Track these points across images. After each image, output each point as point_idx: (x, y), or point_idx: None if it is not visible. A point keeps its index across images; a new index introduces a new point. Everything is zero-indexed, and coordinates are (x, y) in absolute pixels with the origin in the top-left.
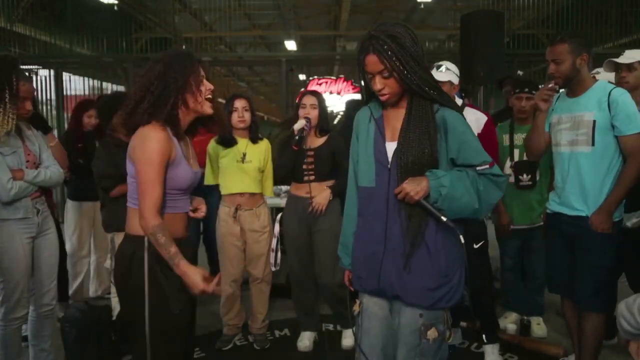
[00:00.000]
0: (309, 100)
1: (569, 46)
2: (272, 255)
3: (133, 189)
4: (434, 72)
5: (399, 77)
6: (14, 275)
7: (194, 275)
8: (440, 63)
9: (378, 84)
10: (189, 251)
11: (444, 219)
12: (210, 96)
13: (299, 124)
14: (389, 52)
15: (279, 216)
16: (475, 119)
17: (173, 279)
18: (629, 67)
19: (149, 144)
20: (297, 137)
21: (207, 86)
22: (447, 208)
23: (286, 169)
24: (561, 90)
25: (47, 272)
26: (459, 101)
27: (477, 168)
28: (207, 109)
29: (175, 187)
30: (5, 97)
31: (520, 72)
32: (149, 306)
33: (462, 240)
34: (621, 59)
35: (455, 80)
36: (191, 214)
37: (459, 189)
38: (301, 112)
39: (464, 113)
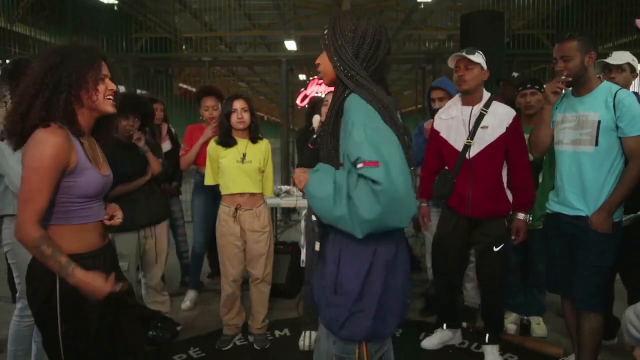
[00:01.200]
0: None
1: (578, 43)
2: (303, 251)
3: None
4: (465, 54)
5: (326, 52)
6: None
7: (94, 281)
8: (473, 49)
9: (318, 58)
10: (110, 260)
11: (313, 218)
12: (111, 97)
13: (316, 120)
14: (326, 27)
15: (303, 213)
16: (505, 112)
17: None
18: (619, 67)
19: (42, 149)
20: (314, 137)
21: (108, 86)
22: (312, 206)
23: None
24: (563, 91)
25: None
26: (486, 95)
27: (357, 166)
28: (107, 106)
29: (83, 194)
30: None
31: (515, 74)
32: (62, 329)
33: (317, 247)
34: (611, 60)
35: (485, 66)
36: (106, 222)
37: (324, 188)
38: (324, 109)
39: (492, 107)
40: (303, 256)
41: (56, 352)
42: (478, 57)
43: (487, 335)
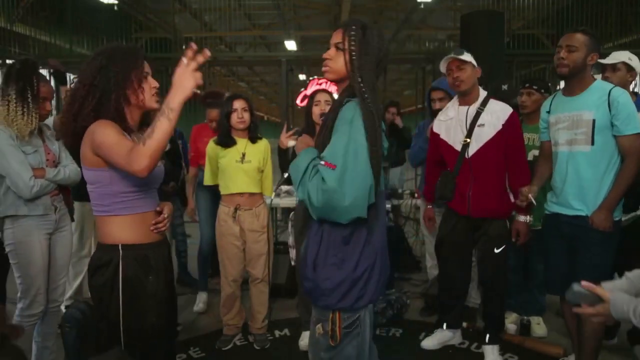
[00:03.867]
0: (323, 96)
1: (588, 39)
2: (292, 251)
3: (96, 197)
4: (455, 55)
5: (348, 56)
6: (31, 271)
7: (183, 77)
8: (461, 50)
9: (328, 52)
10: (164, 256)
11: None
12: (155, 94)
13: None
14: (352, 32)
15: (292, 214)
16: (501, 109)
17: (150, 285)
18: (613, 67)
19: (102, 130)
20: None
21: (151, 84)
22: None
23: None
24: (558, 88)
25: (59, 269)
26: (483, 93)
27: (320, 162)
28: (153, 103)
29: (133, 185)
30: (28, 98)
31: (504, 87)
32: (123, 316)
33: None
34: (606, 60)
35: (475, 64)
36: (152, 226)
37: (299, 168)
38: (315, 109)
39: (489, 105)
40: (292, 254)
41: (116, 336)
42: (468, 56)
43: (488, 335)
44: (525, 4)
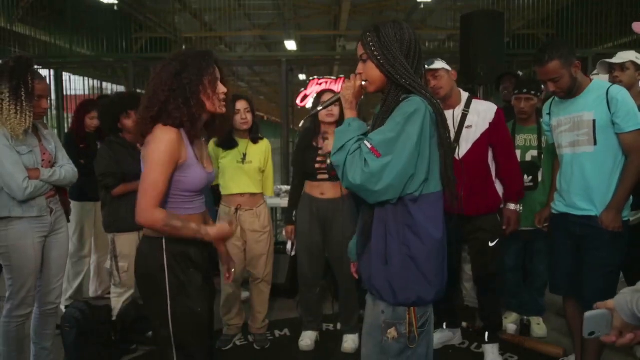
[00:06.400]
0: (329, 96)
1: (560, 61)
2: (289, 243)
3: None
4: (427, 66)
5: (375, 62)
6: (23, 273)
7: (224, 230)
8: (432, 59)
9: (358, 68)
10: (205, 252)
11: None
12: (223, 100)
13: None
14: (368, 39)
15: (294, 215)
16: (486, 109)
17: (194, 277)
18: (622, 66)
19: (158, 146)
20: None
21: (220, 89)
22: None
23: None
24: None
25: (55, 271)
26: (464, 95)
27: (366, 142)
28: (222, 108)
29: (186, 189)
30: (22, 96)
31: (520, 73)
32: (171, 307)
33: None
34: (613, 59)
35: (448, 68)
36: (226, 280)
37: (346, 135)
38: (324, 111)
39: (472, 105)
40: (289, 246)
41: (166, 331)
42: (439, 64)
43: (487, 333)
44: (525, 4)
